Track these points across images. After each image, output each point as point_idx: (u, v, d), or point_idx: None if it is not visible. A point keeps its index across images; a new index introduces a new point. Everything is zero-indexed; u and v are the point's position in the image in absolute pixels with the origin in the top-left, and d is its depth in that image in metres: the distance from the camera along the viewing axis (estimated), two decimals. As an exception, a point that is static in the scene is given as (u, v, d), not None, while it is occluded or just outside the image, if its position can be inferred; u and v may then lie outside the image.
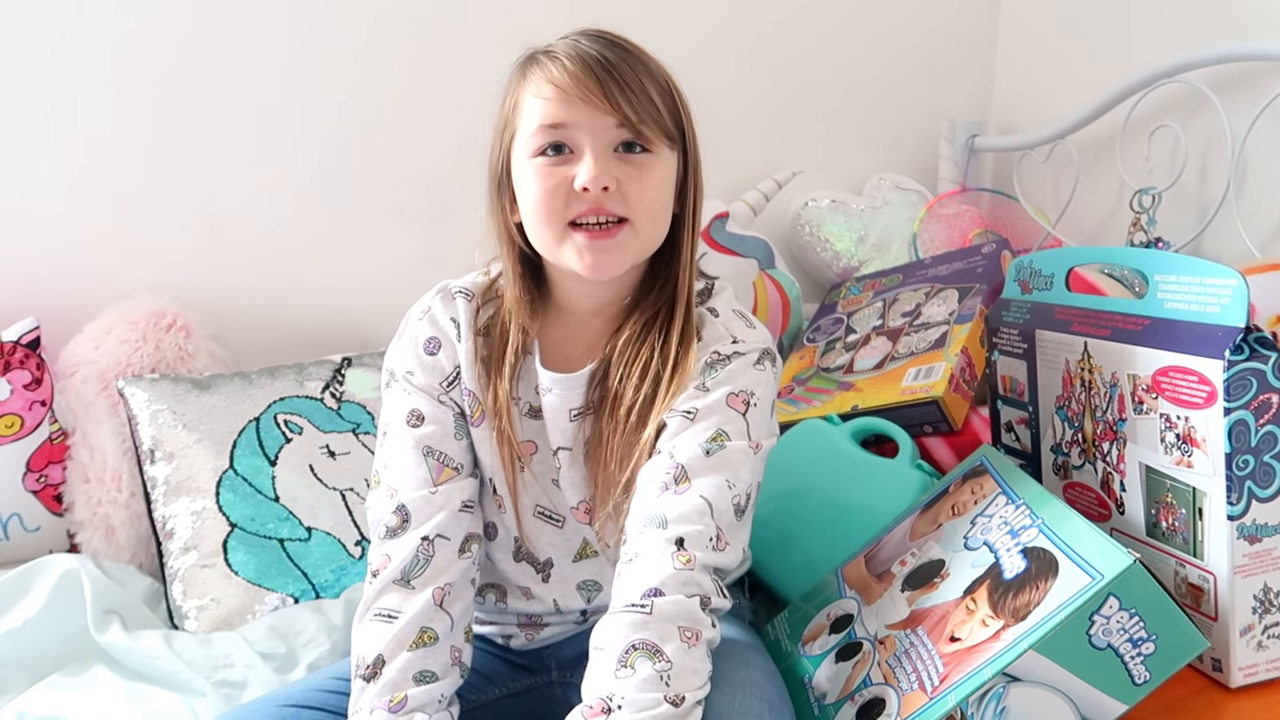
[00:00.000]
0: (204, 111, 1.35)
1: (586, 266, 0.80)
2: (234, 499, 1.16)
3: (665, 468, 0.78)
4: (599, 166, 0.78)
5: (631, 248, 0.81)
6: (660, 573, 0.73)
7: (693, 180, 0.85)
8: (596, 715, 0.68)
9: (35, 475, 1.22)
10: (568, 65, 0.78)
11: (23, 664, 1.00)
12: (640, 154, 0.80)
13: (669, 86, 0.82)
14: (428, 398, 0.87)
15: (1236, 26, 1.33)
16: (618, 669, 0.69)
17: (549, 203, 0.80)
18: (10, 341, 1.22)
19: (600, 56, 0.78)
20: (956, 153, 1.73)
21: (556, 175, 0.79)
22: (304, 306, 1.44)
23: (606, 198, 0.79)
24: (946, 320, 1.31)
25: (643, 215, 0.81)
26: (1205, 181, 1.40)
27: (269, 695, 0.85)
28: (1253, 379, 0.82)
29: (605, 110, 0.78)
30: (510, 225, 0.86)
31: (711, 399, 0.81)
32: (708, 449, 0.78)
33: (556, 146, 0.79)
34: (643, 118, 0.79)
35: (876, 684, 0.82)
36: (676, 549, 0.74)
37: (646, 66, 0.81)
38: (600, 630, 0.73)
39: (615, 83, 0.78)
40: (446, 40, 1.43)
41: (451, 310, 0.88)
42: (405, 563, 0.81)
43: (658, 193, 0.81)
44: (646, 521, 0.76)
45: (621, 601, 0.73)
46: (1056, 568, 0.78)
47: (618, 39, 0.82)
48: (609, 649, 0.71)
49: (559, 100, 0.78)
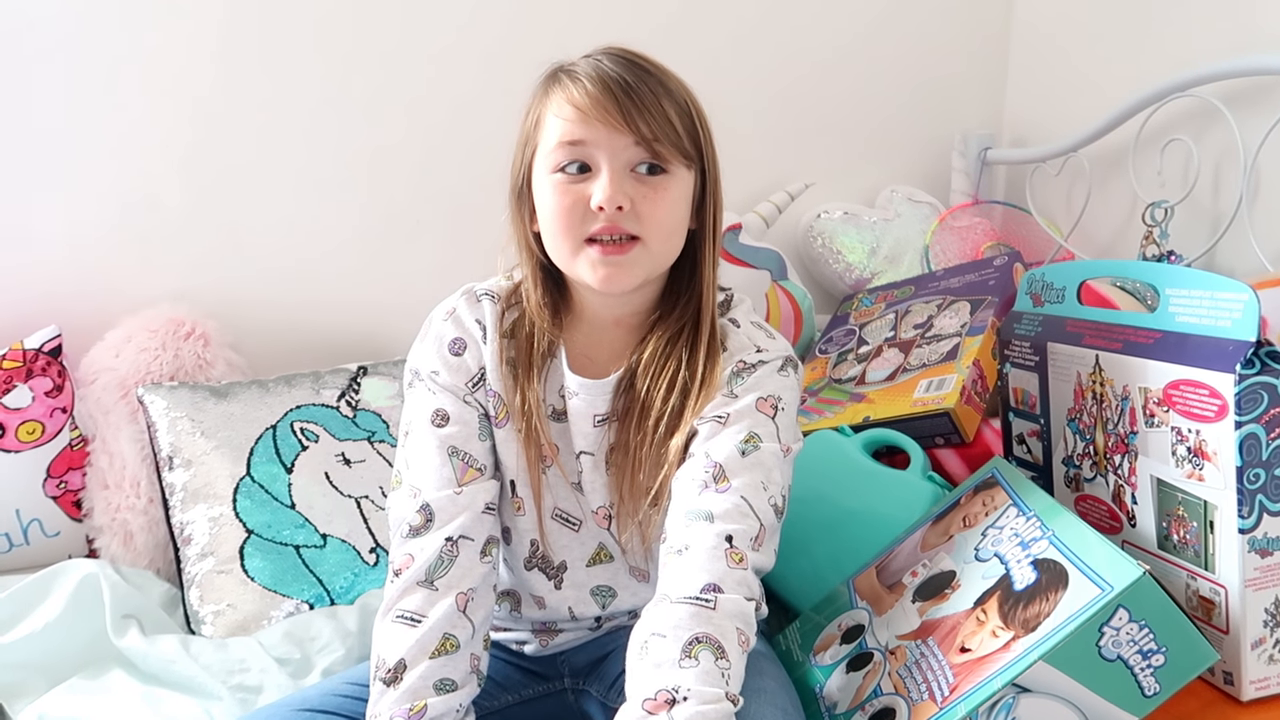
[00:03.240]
0: (224, 123, 1.37)
1: (599, 280, 0.82)
2: (251, 506, 1.18)
3: (703, 466, 0.79)
4: (614, 186, 0.80)
5: (642, 264, 0.83)
6: (717, 568, 0.74)
7: (712, 197, 0.86)
8: (660, 708, 0.67)
9: (55, 481, 1.24)
10: (588, 86, 0.80)
11: (42, 667, 1.01)
12: (657, 175, 0.81)
13: (688, 106, 0.83)
14: (453, 397, 0.87)
15: (1249, 41, 1.34)
16: (681, 659, 0.69)
17: (566, 219, 0.81)
18: (32, 349, 1.24)
19: (620, 78, 0.80)
20: (969, 165, 1.73)
21: (574, 193, 0.81)
22: (321, 316, 1.45)
23: (621, 216, 0.80)
24: (958, 332, 1.32)
25: (655, 234, 0.82)
26: (1218, 195, 1.40)
27: (284, 700, 0.86)
28: (1264, 393, 0.82)
29: (623, 131, 0.79)
30: (529, 236, 0.87)
31: (741, 404, 0.82)
32: (743, 449, 0.80)
33: (575, 164, 0.81)
34: (659, 138, 0.80)
35: (887, 694, 0.83)
36: (729, 545, 0.75)
37: (666, 87, 0.82)
38: (656, 618, 0.72)
39: (634, 104, 0.79)
40: (465, 55, 1.45)
41: (477, 312, 0.89)
42: (429, 562, 0.81)
43: (671, 212, 0.83)
44: (692, 515, 0.77)
45: (679, 592, 0.73)
46: (1066, 579, 0.79)
47: (639, 59, 0.83)
48: (671, 638, 0.70)
49: (579, 120, 0.80)
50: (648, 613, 0.74)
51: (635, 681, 0.70)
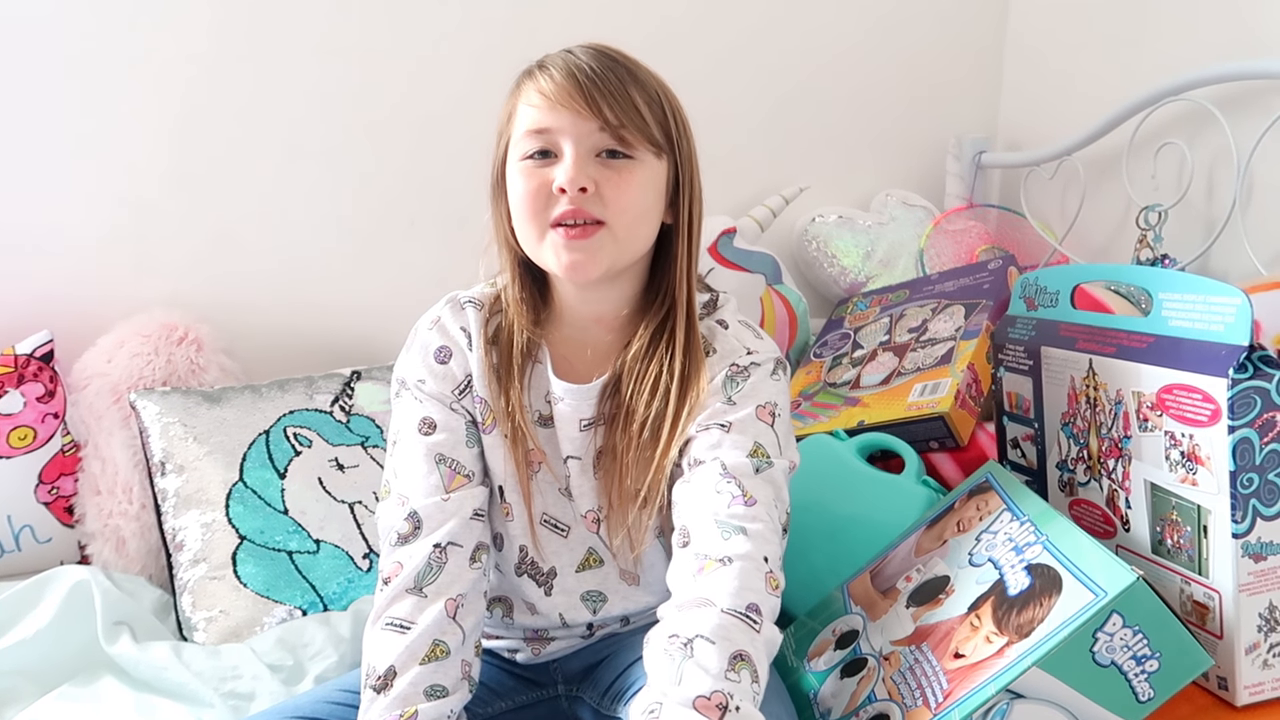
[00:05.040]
0: (216, 127, 1.36)
1: (563, 266, 0.82)
2: (243, 511, 1.17)
3: (719, 474, 0.80)
4: (577, 169, 0.80)
5: (607, 250, 0.82)
6: (759, 589, 0.74)
7: (687, 190, 0.86)
8: (712, 710, 0.66)
9: (47, 487, 1.23)
10: (555, 76, 0.81)
11: (33, 674, 1.00)
12: (621, 159, 0.82)
13: (659, 96, 0.84)
14: (440, 405, 0.87)
15: (1242, 45, 1.34)
16: (728, 670, 0.69)
17: (532, 203, 0.82)
18: (24, 354, 1.23)
19: (587, 67, 0.81)
20: (963, 169, 1.74)
21: (539, 176, 0.82)
22: (314, 320, 1.45)
23: (585, 199, 0.81)
24: (953, 336, 1.32)
25: (619, 218, 0.82)
26: (1211, 199, 1.40)
27: (277, 707, 0.86)
28: (1257, 397, 0.82)
29: (587, 116, 0.80)
30: (509, 231, 0.88)
31: (743, 414, 0.83)
32: (756, 466, 0.80)
33: (542, 151, 0.82)
34: (624, 123, 0.80)
35: (881, 700, 0.82)
36: (768, 569, 0.76)
37: (634, 75, 0.83)
38: (701, 621, 0.71)
39: (599, 90, 0.80)
40: (457, 56, 1.45)
41: (461, 320, 0.89)
42: (418, 570, 0.81)
43: (637, 198, 0.83)
44: (726, 527, 0.77)
45: (726, 602, 0.72)
46: (1060, 584, 0.79)
47: (610, 51, 0.84)
48: (719, 645, 0.70)
49: (545, 108, 0.81)
50: (687, 611, 0.73)
51: (680, 678, 0.69)
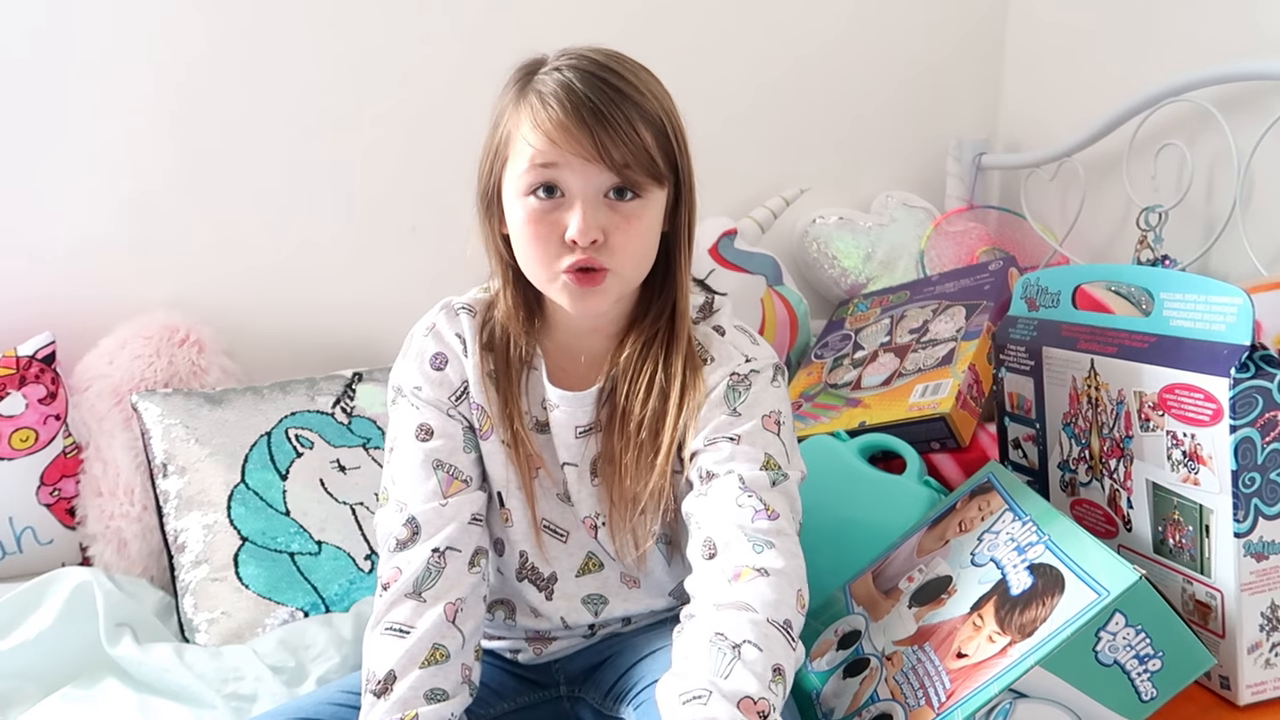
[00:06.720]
0: (218, 129, 1.36)
1: (574, 307, 0.82)
2: (245, 513, 1.17)
3: (740, 488, 0.80)
4: (587, 220, 0.78)
5: (614, 290, 0.82)
6: (791, 606, 0.75)
7: (686, 205, 0.85)
8: (754, 714, 0.67)
9: (49, 489, 1.23)
10: (558, 112, 0.78)
11: (35, 676, 1.00)
12: (630, 200, 0.80)
13: (662, 122, 0.81)
14: (436, 411, 0.87)
15: (1243, 46, 1.34)
16: (771, 680, 0.70)
17: (542, 251, 0.81)
18: (26, 356, 1.23)
19: (590, 102, 0.78)
20: (964, 170, 1.74)
21: (548, 223, 0.80)
22: (316, 322, 1.45)
23: (594, 249, 0.80)
24: (954, 337, 1.32)
25: (627, 263, 0.82)
26: (1211, 199, 1.40)
27: (279, 708, 0.86)
28: (1258, 397, 0.82)
29: (594, 160, 0.78)
30: (499, 241, 0.87)
31: (749, 425, 0.83)
32: (773, 479, 0.81)
33: (547, 188, 0.80)
34: (632, 165, 0.78)
35: (884, 700, 0.82)
36: (799, 588, 0.77)
37: (640, 106, 0.79)
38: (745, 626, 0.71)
39: (606, 130, 0.77)
40: (459, 62, 1.45)
41: (456, 326, 0.89)
42: (417, 575, 0.81)
43: (644, 240, 0.83)
44: (756, 542, 0.77)
45: (767, 613, 0.73)
46: (1063, 584, 0.79)
47: (612, 72, 0.80)
48: (765, 654, 0.70)
49: (548, 146, 0.78)
50: (728, 613, 0.73)
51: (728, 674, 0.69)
